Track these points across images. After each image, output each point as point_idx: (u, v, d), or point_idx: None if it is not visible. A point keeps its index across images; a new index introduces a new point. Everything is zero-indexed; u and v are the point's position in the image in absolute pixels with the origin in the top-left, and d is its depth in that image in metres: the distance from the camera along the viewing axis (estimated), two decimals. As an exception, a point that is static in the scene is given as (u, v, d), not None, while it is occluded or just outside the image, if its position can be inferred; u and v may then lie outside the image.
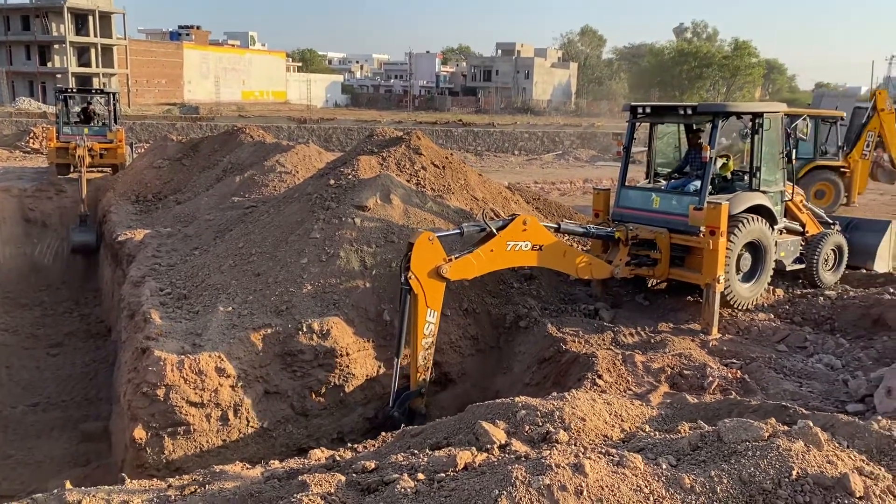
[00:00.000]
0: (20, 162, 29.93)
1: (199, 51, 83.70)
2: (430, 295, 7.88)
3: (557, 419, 4.82)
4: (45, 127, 33.89)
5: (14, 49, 66.45)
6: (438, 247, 7.93)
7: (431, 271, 7.84)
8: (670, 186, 10.97)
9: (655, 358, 8.34)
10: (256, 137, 20.06)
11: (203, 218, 14.23)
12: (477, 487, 3.69)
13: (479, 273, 8.56)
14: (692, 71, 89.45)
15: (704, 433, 4.33)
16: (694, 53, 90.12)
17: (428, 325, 7.97)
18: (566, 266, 9.39)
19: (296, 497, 4.00)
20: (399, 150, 12.58)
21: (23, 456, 10.86)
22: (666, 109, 10.96)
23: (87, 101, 25.53)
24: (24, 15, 66.47)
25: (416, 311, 7.86)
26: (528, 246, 8.74)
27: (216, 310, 9.04)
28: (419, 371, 8.08)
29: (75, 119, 24.54)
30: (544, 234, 8.93)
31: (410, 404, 8.13)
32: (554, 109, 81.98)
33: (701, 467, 3.91)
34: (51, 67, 65.48)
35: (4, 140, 36.38)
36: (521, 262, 9.06)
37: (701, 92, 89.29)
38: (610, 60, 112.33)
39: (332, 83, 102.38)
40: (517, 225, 8.65)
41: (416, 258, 7.77)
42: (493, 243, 8.48)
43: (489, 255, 8.46)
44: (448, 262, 7.95)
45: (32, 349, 14.99)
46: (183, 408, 7.74)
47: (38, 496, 4.96)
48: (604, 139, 43.77)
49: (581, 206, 18.07)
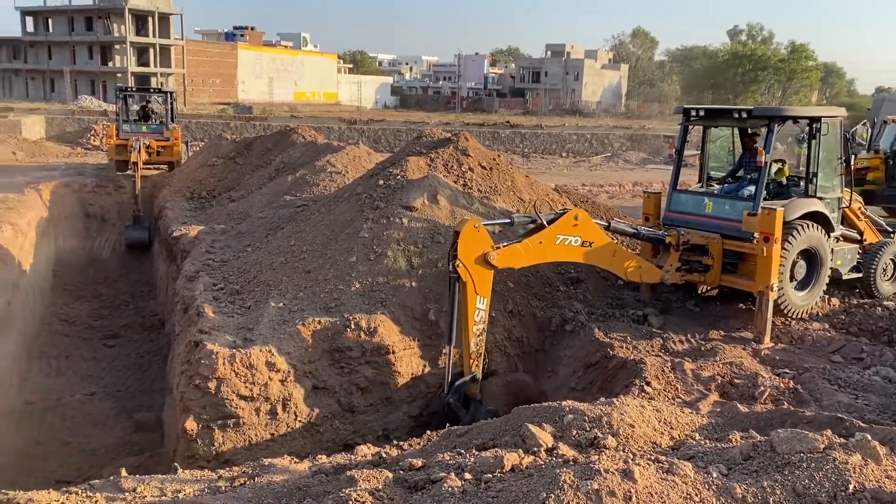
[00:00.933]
0: (81, 158, 30.93)
1: (253, 51, 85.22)
2: (478, 282, 7.90)
3: (605, 424, 4.78)
4: (105, 124, 34.91)
5: (77, 49, 68.70)
6: (485, 234, 7.95)
7: (479, 258, 7.87)
8: (723, 191, 10.78)
9: (705, 366, 8.21)
10: (308, 138, 20.40)
11: (255, 216, 14.51)
12: (524, 489, 3.69)
13: (526, 263, 8.54)
14: (746, 74, 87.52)
15: (757, 443, 4.25)
16: (749, 56, 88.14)
17: (478, 312, 8.00)
18: (615, 267, 9.30)
19: (344, 492, 4.06)
20: (447, 151, 12.64)
21: (79, 443, 11.23)
22: (720, 113, 10.77)
23: (145, 100, 26.24)
24: (87, 16, 68.66)
25: (466, 298, 7.90)
26: (577, 241, 8.67)
27: (267, 305, 9.21)
28: (472, 358, 8.12)
29: (134, 117, 25.23)
30: (595, 231, 8.85)
31: (465, 391, 8.18)
32: (603, 111, 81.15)
33: (753, 477, 3.84)
34: (112, 67, 67.48)
35: (67, 137, 37.65)
36: (569, 257, 8.97)
37: (755, 95, 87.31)
38: (662, 62, 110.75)
39: (382, 85, 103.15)
40: (568, 219, 8.60)
41: (463, 245, 7.81)
42: (542, 235, 8.46)
43: (538, 247, 8.43)
44: (496, 249, 7.96)
45: (90, 340, 15.47)
46: (233, 401, 7.90)
47: (94, 482, 5.13)
48: (654, 142, 43.17)
49: (630, 209, 17.86)
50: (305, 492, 4.60)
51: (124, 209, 21.31)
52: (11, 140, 32.32)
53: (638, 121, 60.44)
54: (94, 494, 4.72)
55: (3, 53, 73.22)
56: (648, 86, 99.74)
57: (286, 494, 4.60)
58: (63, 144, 35.37)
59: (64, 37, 68.54)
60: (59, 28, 69.74)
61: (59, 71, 66.74)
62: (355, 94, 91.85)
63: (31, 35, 70.88)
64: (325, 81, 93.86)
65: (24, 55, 71.39)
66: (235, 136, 28.09)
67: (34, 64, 70.64)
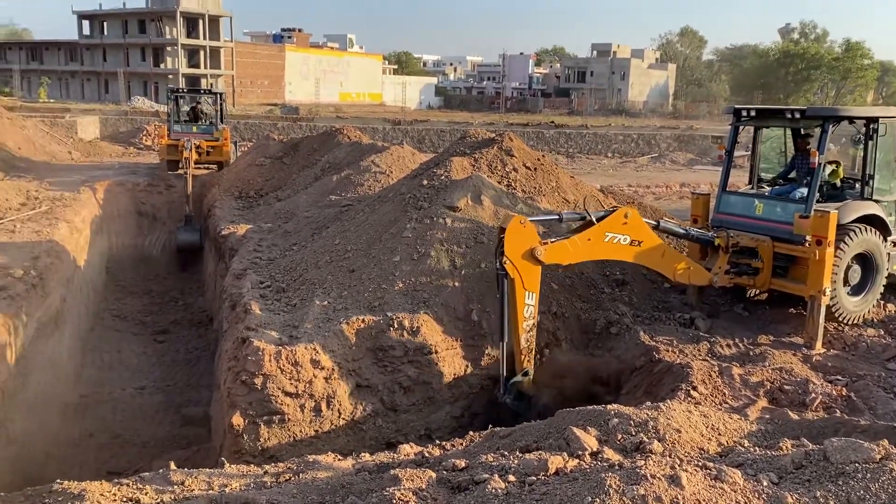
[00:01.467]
0: (134, 158, 31.73)
1: (300, 53, 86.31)
2: (526, 278, 7.87)
3: (651, 429, 4.71)
4: (157, 125, 35.77)
5: (131, 51, 70.53)
6: (532, 230, 7.92)
7: (526, 253, 7.84)
8: (774, 193, 10.54)
9: (754, 371, 8.04)
10: (353, 138, 20.60)
11: (302, 215, 14.70)
12: (569, 493, 3.66)
13: (573, 260, 8.48)
14: (799, 73, 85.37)
15: (809, 451, 4.14)
16: (801, 55, 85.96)
17: (527, 308, 7.97)
18: (664, 267, 9.16)
19: (388, 491, 4.07)
20: (491, 151, 12.62)
21: (130, 436, 11.52)
22: (772, 113, 10.54)
23: (195, 101, 26.77)
24: (140, 19, 70.45)
25: (515, 295, 7.87)
26: (626, 240, 8.57)
27: (312, 303, 9.32)
28: (523, 354, 8.09)
29: (185, 118, 25.75)
30: (645, 230, 8.74)
31: (518, 387, 8.17)
32: (650, 111, 80.00)
33: (805, 487, 3.74)
34: (163, 68, 69.09)
35: (120, 137, 38.65)
36: (617, 256, 8.88)
37: (808, 95, 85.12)
38: (710, 62, 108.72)
39: (426, 85, 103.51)
40: (618, 217, 8.52)
41: (510, 241, 7.78)
42: (591, 232, 8.38)
43: (586, 244, 8.37)
44: (543, 245, 7.91)
45: (140, 335, 15.87)
46: (279, 397, 8.01)
47: (144, 475, 5.25)
48: (702, 142, 42.42)
49: (677, 211, 17.57)
50: (349, 489, 4.63)
51: (175, 208, 21.80)
52: (68, 140, 33.34)
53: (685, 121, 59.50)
54: (144, 486, 4.83)
55: (60, 56, 75.59)
56: (696, 86, 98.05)
57: (330, 491, 4.64)
58: (116, 144, 36.32)
59: (118, 39, 70.44)
60: (114, 31, 71.70)
61: (113, 72, 68.62)
62: (400, 94, 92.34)
63: (87, 38, 73.05)
64: (370, 82, 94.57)
65: (80, 57, 73.63)
66: (282, 136, 28.49)
67: (90, 66, 72.79)
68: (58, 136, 33.00)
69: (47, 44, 77.59)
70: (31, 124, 31.84)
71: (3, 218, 14.93)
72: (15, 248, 12.60)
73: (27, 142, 28.93)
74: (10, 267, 11.29)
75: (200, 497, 4.62)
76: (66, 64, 74.86)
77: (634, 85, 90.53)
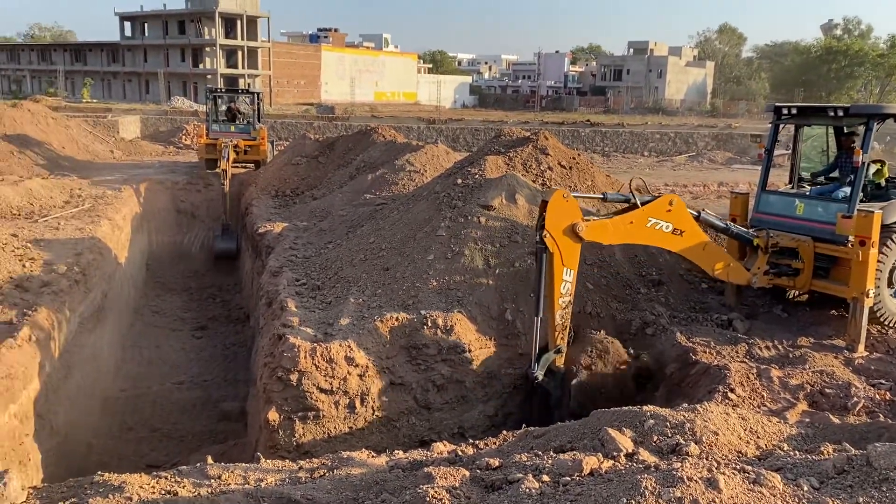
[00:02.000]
0: (173, 157, 32.28)
1: (336, 52, 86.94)
2: (565, 253, 7.82)
3: (688, 431, 4.65)
4: (195, 124, 36.28)
5: (171, 52, 71.78)
6: (574, 205, 7.86)
7: (567, 229, 7.78)
8: (816, 192, 10.32)
9: (794, 374, 7.89)
10: (388, 137, 20.68)
11: (337, 213, 14.81)
12: (604, 494, 3.62)
13: (613, 241, 8.41)
14: (841, 70, 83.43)
15: (851, 456, 4.04)
16: (844, 51, 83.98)
17: (564, 284, 7.91)
18: (704, 261, 9.01)
19: (421, 488, 4.08)
20: (526, 150, 12.58)
21: (168, 430, 11.73)
22: (814, 110, 10.31)
23: (232, 101, 27.11)
24: (180, 20, 71.63)
25: (553, 269, 7.82)
26: (668, 228, 8.46)
27: (347, 301, 9.39)
28: (557, 330, 8.04)
29: (223, 117, 26.10)
30: (689, 220, 8.61)
31: (550, 364, 8.13)
32: (687, 109, 78.94)
33: (847, 493, 3.66)
34: (202, 69, 70.16)
35: (160, 136, 39.34)
36: (657, 243, 8.74)
37: (851, 92, 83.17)
38: (750, 59, 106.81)
39: (461, 84, 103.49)
40: (663, 203, 8.43)
41: (551, 215, 7.74)
42: (633, 215, 8.30)
43: (627, 227, 8.29)
44: (585, 221, 7.86)
45: (179, 331, 16.13)
46: (314, 394, 8.08)
47: (182, 468, 5.34)
48: (741, 141, 41.69)
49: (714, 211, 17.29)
50: (383, 486, 4.66)
51: (213, 206, 22.12)
52: (110, 139, 34.03)
53: (724, 119, 58.57)
54: (182, 480, 4.91)
55: (102, 57, 77.25)
56: (735, 83, 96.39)
57: (364, 488, 4.67)
58: (156, 143, 36.97)
59: (158, 40, 71.74)
60: (154, 32, 73.03)
61: (153, 73, 69.92)
62: (434, 93, 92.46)
63: (129, 39, 74.54)
64: (405, 81, 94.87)
65: (121, 58, 75.16)
66: (318, 135, 28.74)
67: (131, 66, 74.28)
68: (100, 136, 33.71)
69: (90, 45, 79.39)
70: (74, 124, 32.59)
71: (47, 215, 15.31)
72: (59, 244, 12.90)
73: (71, 141, 29.64)
74: (55, 263, 11.57)
75: (236, 491, 4.68)
76: (109, 65, 76.50)
77: (672, 83, 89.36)
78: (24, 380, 8.40)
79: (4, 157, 24.10)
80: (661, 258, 11.15)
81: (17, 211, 15.51)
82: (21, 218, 14.99)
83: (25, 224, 14.22)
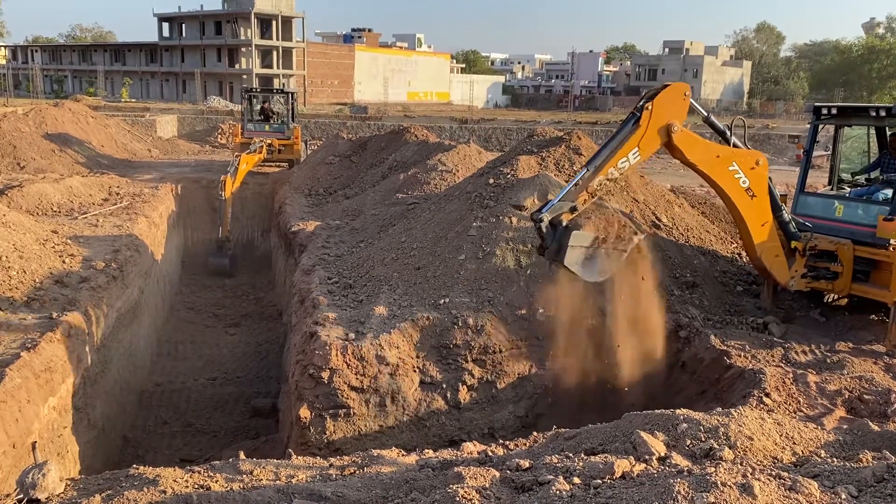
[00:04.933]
0: (209, 156, 32.71)
1: (370, 52, 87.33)
2: (648, 136, 7.79)
3: (722, 436, 4.57)
4: (231, 124, 36.72)
5: (207, 52, 72.75)
6: (686, 106, 7.87)
7: (665, 126, 7.79)
8: (855, 194, 10.10)
9: (831, 379, 7.72)
10: (420, 137, 20.72)
11: (369, 212, 14.88)
12: (636, 498, 3.58)
13: (694, 160, 8.28)
14: (884, 69, 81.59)
15: (892, 464, 3.94)
16: (887, 50, 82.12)
17: (625, 161, 7.82)
18: (757, 234, 8.88)
19: (451, 488, 4.07)
20: (558, 150, 12.50)
21: (201, 425, 11.90)
22: (855, 111, 10.10)
23: (267, 100, 27.38)
24: (216, 21, 72.56)
25: (628, 140, 7.75)
26: (745, 183, 8.47)
27: (378, 300, 9.42)
28: (587, 191, 7.74)
29: (258, 117, 26.35)
30: (765, 188, 8.61)
31: (555, 217, 7.67)
32: (724, 109, 77.76)
33: (887, 501, 3.56)
34: (238, 69, 71.00)
35: (197, 135, 39.91)
36: (727, 189, 8.57)
37: (893, 93, 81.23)
38: (788, 59, 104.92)
39: (494, 84, 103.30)
40: (751, 156, 8.48)
41: (664, 98, 7.76)
42: (723, 149, 8.34)
43: (712, 158, 8.31)
44: (683, 125, 7.84)
45: (213, 327, 16.36)
46: (345, 391, 8.13)
47: (215, 463, 5.41)
48: (778, 142, 40.93)
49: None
50: (412, 485, 4.66)
51: (247, 204, 22.38)
52: (147, 138, 34.62)
53: (761, 120, 57.57)
54: (215, 474, 4.96)
55: (141, 57, 78.61)
56: (773, 83, 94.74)
57: (394, 486, 4.67)
58: (193, 142, 37.51)
59: (195, 40, 72.75)
60: (191, 32, 74.08)
61: (190, 73, 70.89)
62: (467, 93, 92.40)
63: (166, 39, 75.73)
64: (438, 81, 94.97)
65: (159, 58, 76.41)
66: (351, 135, 28.91)
67: (168, 66, 75.46)
68: (138, 135, 34.30)
69: (129, 45, 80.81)
70: (113, 123, 33.21)
71: (87, 212, 15.62)
72: (97, 241, 13.16)
73: (110, 140, 30.21)
74: (93, 259, 11.81)
75: (268, 487, 4.72)
76: (147, 65, 77.81)
77: (707, 83, 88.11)
78: (63, 373, 8.58)
79: (46, 156, 24.66)
80: (695, 260, 11.01)
81: (58, 208, 15.85)
82: (61, 215, 15.32)
83: (65, 221, 14.52)
